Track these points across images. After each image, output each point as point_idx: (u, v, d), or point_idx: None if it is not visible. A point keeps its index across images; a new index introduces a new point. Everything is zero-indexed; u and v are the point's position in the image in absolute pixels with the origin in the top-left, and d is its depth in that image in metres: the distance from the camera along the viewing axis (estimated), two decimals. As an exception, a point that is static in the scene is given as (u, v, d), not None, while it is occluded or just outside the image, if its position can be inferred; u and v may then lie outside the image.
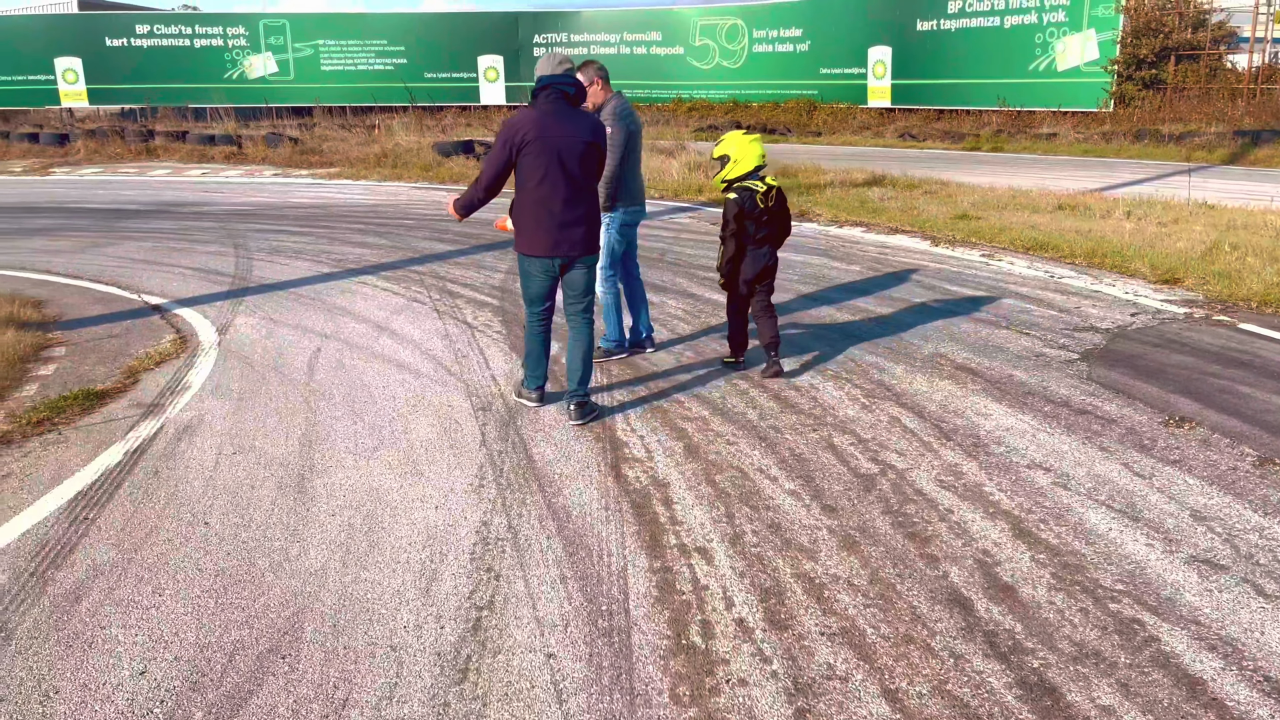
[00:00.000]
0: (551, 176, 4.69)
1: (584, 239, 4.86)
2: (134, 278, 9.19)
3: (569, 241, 4.81)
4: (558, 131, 4.69)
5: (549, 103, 4.76)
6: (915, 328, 6.57)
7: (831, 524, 3.72)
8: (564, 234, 4.79)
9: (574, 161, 4.71)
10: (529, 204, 4.80)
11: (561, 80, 4.78)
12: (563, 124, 4.72)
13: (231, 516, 4.01)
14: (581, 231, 4.83)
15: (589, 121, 4.85)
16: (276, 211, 13.70)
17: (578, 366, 5.00)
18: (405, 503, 4.09)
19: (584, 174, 4.77)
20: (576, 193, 4.76)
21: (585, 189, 4.82)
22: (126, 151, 22.02)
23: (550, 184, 4.70)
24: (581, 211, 4.80)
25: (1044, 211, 11.35)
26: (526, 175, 4.75)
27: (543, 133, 4.67)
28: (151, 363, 6.36)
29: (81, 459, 4.73)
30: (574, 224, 4.79)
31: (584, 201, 4.82)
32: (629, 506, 3.94)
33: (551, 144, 4.67)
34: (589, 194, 4.86)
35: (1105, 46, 24.47)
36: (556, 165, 4.68)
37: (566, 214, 4.75)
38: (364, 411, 5.31)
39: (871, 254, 9.27)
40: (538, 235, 4.81)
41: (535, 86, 4.84)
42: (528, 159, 4.70)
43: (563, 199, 4.72)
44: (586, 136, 4.75)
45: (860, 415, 4.91)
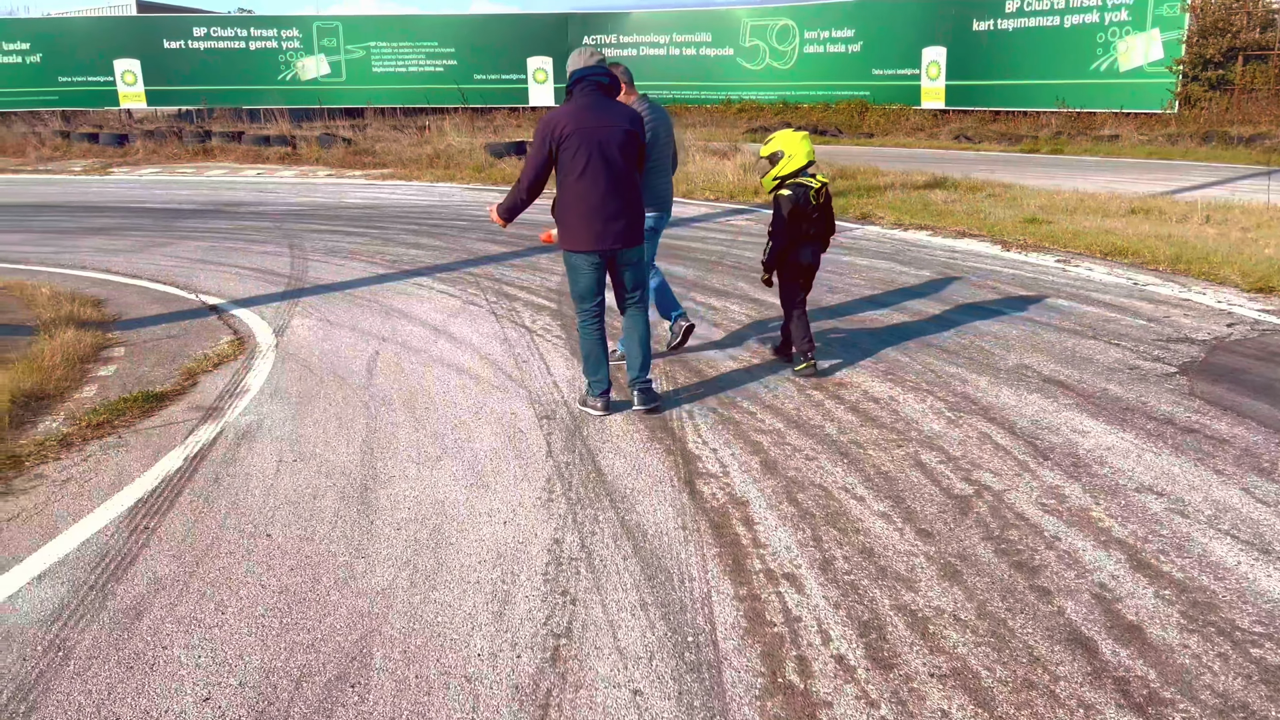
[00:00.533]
0: (592, 169, 4.64)
1: (627, 230, 4.78)
2: (192, 277, 9.17)
3: (613, 234, 4.74)
4: (595, 123, 4.64)
5: (585, 95, 4.70)
6: (995, 336, 6.28)
7: (929, 550, 3.47)
8: (607, 226, 4.72)
9: (614, 152, 4.65)
10: (570, 199, 4.75)
11: (595, 72, 4.72)
12: (600, 115, 4.66)
13: (294, 528, 3.87)
14: (625, 223, 4.75)
15: (627, 111, 4.77)
16: (331, 212, 13.69)
17: (636, 354, 4.97)
18: (472, 517, 3.91)
19: (625, 164, 4.70)
20: (618, 184, 4.69)
21: (627, 179, 4.74)
22: (184, 152, 22.26)
23: (591, 176, 4.65)
24: (624, 202, 4.73)
25: (1115, 215, 10.95)
26: (567, 170, 4.70)
27: (580, 125, 4.62)
28: (210, 364, 6.28)
29: (141, 464, 4.62)
30: (617, 215, 4.72)
31: (626, 192, 4.73)
32: (707, 526, 3.72)
33: (590, 136, 4.61)
34: (631, 184, 4.77)
35: (1170, 46, 23.78)
36: (597, 157, 4.63)
37: (609, 206, 4.69)
38: (425, 418, 5.16)
39: (940, 258, 8.96)
40: (580, 229, 4.75)
41: (569, 82, 4.79)
42: (567, 153, 4.65)
43: (604, 191, 4.67)
44: (626, 125, 4.69)
45: (947, 431, 4.65)
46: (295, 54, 32.18)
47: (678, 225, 11.56)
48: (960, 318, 6.79)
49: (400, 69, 32.53)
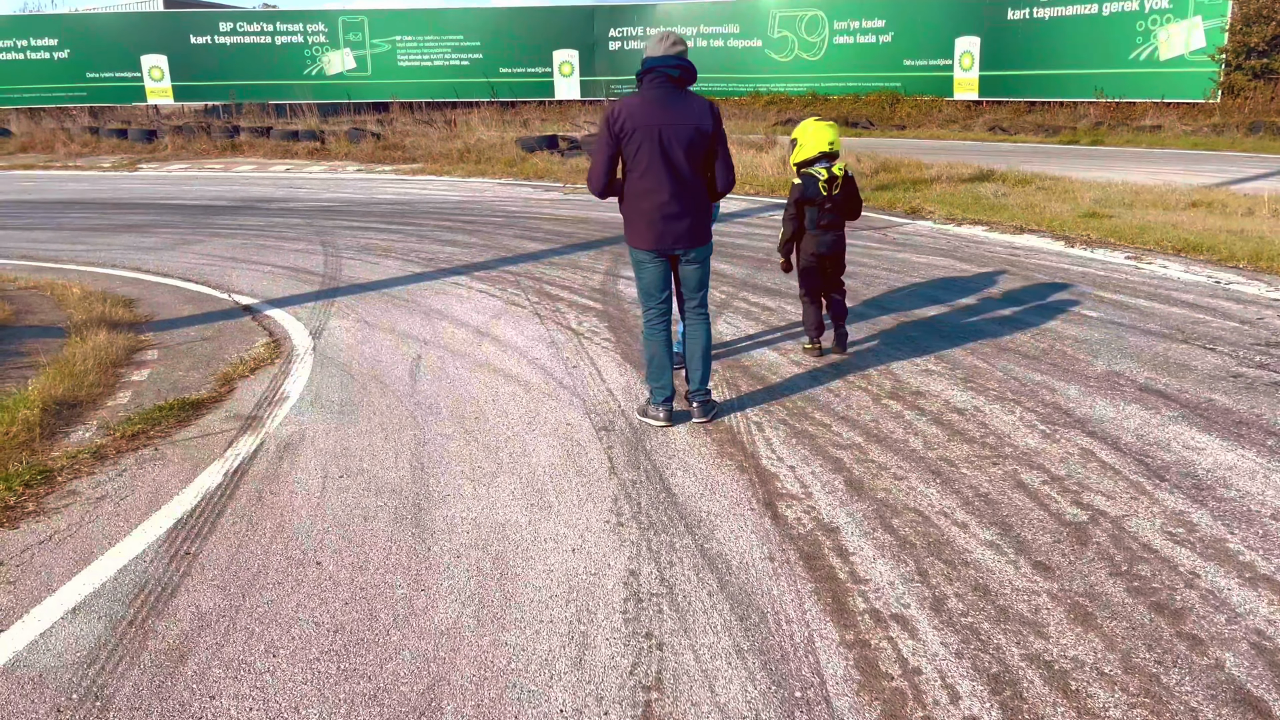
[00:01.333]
0: (654, 166, 4.43)
1: (690, 231, 4.56)
2: (224, 276, 8.93)
3: (674, 234, 4.54)
4: (661, 118, 4.40)
5: (653, 88, 4.46)
6: (1076, 340, 5.91)
7: (1051, 587, 3.12)
8: (669, 226, 4.52)
9: (679, 150, 4.41)
10: (633, 194, 4.56)
11: (664, 62, 4.42)
12: (666, 110, 4.41)
13: (345, 555, 3.57)
14: (688, 223, 4.53)
15: (698, 106, 4.47)
16: (362, 208, 13.43)
17: (698, 364, 4.78)
18: (537, 542, 3.61)
19: (690, 163, 4.46)
20: (681, 183, 4.46)
21: (692, 179, 4.50)
22: (212, 148, 22.11)
23: (654, 175, 4.45)
24: (688, 202, 4.51)
25: (1175, 209, 10.51)
26: (630, 165, 4.52)
27: (644, 120, 4.41)
28: (246, 369, 6.01)
29: (179, 480, 4.35)
30: (679, 216, 4.51)
31: (690, 192, 4.51)
32: (797, 556, 3.39)
33: (653, 131, 4.39)
34: (696, 184, 4.53)
35: (1212, 34, 23.16)
36: (660, 154, 4.41)
37: (671, 205, 4.48)
38: (476, 429, 4.86)
39: (1002, 255, 8.57)
40: (642, 227, 4.57)
41: (640, 70, 4.53)
42: (630, 148, 4.47)
43: (667, 190, 4.45)
44: (694, 122, 4.42)
45: (1044, 446, 4.29)
46: (321, 48, 32.05)
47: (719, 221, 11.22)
48: (1033, 319, 6.42)
49: (426, 63, 32.32)
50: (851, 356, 5.78)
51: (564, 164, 16.88)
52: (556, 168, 16.71)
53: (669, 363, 4.78)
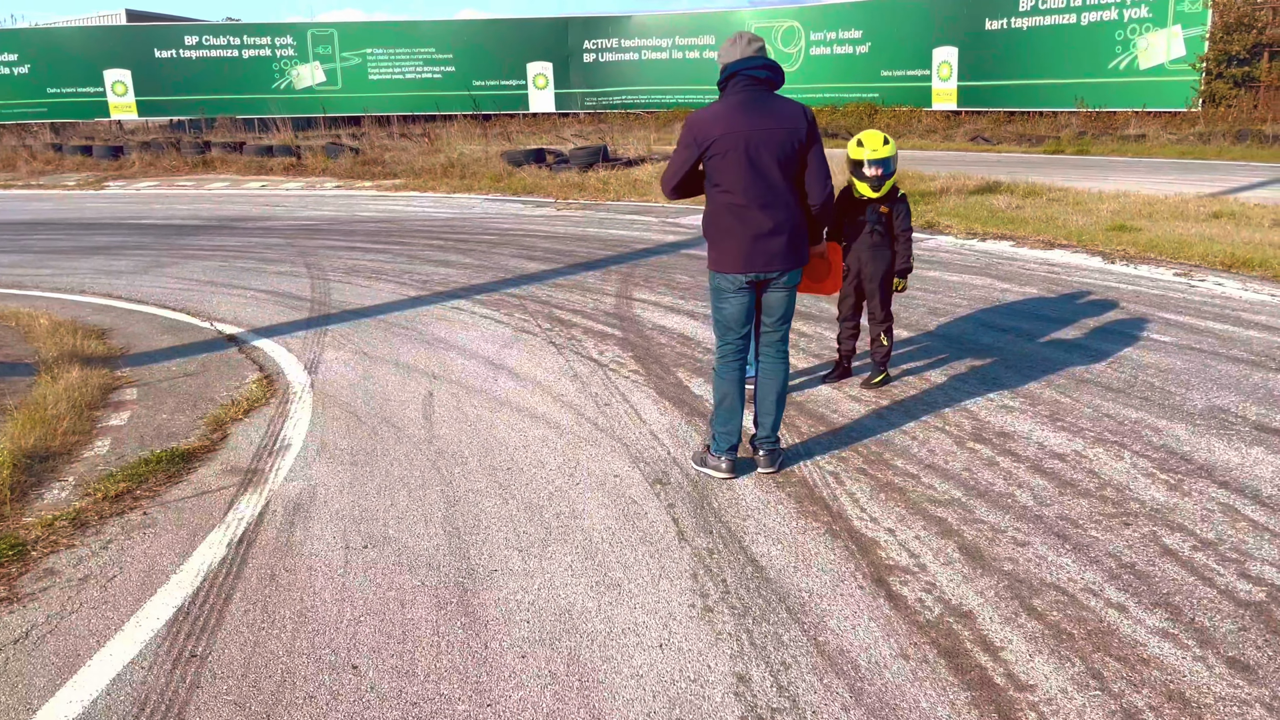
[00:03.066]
0: (744, 178, 3.92)
1: (785, 251, 4.01)
2: (203, 302, 8.29)
3: (766, 254, 3.99)
4: (748, 125, 3.90)
5: (738, 92, 3.97)
6: (1157, 369, 5.42)
7: (1261, 695, 2.60)
8: (758, 245, 3.98)
9: (770, 158, 3.91)
10: (719, 211, 4.04)
11: (749, 64, 3.96)
12: (754, 115, 3.91)
13: (386, 655, 2.98)
14: (782, 242, 3.99)
15: (790, 109, 3.97)
16: (345, 227, 12.79)
17: (770, 408, 4.23)
18: (613, 636, 3.03)
19: (784, 172, 3.95)
20: (775, 195, 3.95)
21: (786, 190, 3.98)
22: (182, 164, 21.29)
23: (743, 187, 3.94)
24: (782, 218, 3.97)
25: (1197, 220, 10.13)
26: (716, 178, 4.00)
27: (731, 127, 3.90)
28: (239, 411, 5.40)
29: (176, 553, 3.73)
30: (773, 233, 3.97)
31: (784, 206, 3.98)
32: (935, 653, 2.84)
33: (741, 139, 3.89)
34: (790, 196, 4.00)
35: (1193, 43, 23.12)
36: (747, 164, 3.91)
37: (764, 221, 3.96)
38: (511, 484, 4.28)
39: (1039, 273, 8.11)
40: (729, 247, 4.02)
41: (720, 77, 4.06)
42: (715, 160, 3.96)
43: (759, 204, 3.94)
44: (788, 125, 3.92)
45: (1174, 501, 3.78)
46: (290, 62, 31.33)
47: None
48: (1102, 345, 5.94)
49: (397, 76, 31.71)
50: (917, 391, 5.26)
51: (554, 178, 16.31)
52: (546, 182, 16.13)
53: (740, 407, 4.22)
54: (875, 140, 5.10)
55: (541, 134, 25.65)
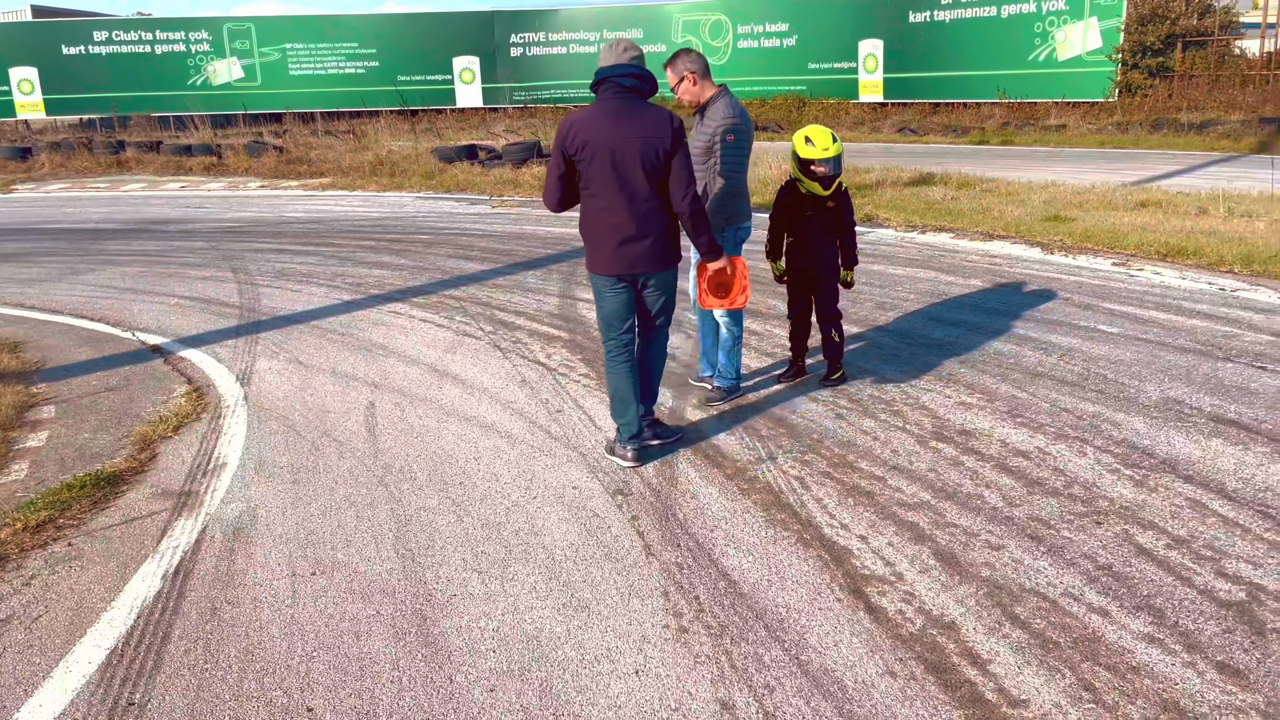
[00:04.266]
0: (610, 183, 4.03)
1: (650, 255, 4.14)
2: (124, 311, 7.89)
3: (630, 258, 4.12)
4: (613, 132, 3.98)
5: (607, 100, 4.06)
6: (1109, 361, 5.44)
7: (1256, 701, 2.54)
8: (625, 249, 4.11)
9: (634, 165, 3.99)
10: (590, 213, 4.18)
11: (619, 71, 4.03)
12: (620, 123, 3.99)
13: (344, 695, 2.78)
14: (646, 246, 4.11)
15: (656, 117, 4.01)
16: (271, 228, 12.36)
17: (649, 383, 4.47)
18: (586, 663, 2.88)
19: (649, 179, 4.03)
20: (638, 202, 4.05)
21: (650, 196, 4.06)
22: (95, 165, 20.42)
23: (609, 193, 4.05)
24: (645, 224, 4.09)
25: (1126, 209, 10.33)
26: (585, 183, 4.12)
27: (596, 134, 3.99)
28: (168, 428, 5.10)
29: (106, 588, 3.47)
30: (637, 239, 4.09)
31: (648, 212, 4.08)
32: (923, 669, 2.75)
33: (606, 146, 3.98)
34: (655, 203, 4.09)
35: (1109, 35, 23.71)
36: (612, 170, 4.00)
37: (628, 226, 4.07)
38: (464, 499, 4.09)
39: (982, 265, 8.14)
40: (601, 250, 4.17)
41: (592, 82, 4.16)
42: (584, 165, 4.07)
43: (624, 209, 4.05)
44: (650, 135, 3.98)
45: (1143, 497, 3.76)
46: (205, 57, 30.39)
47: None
48: (1052, 337, 5.95)
49: (320, 71, 30.99)
50: (874, 389, 5.20)
51: (487, 175, 16.01)
52: (479, 179, 15.82)
53: (634, 397, 4.33)
54: (824, 139, 4.98)
55: (471, 129, 25.28)
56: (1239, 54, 24.22)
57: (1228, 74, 22.97)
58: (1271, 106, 20.91)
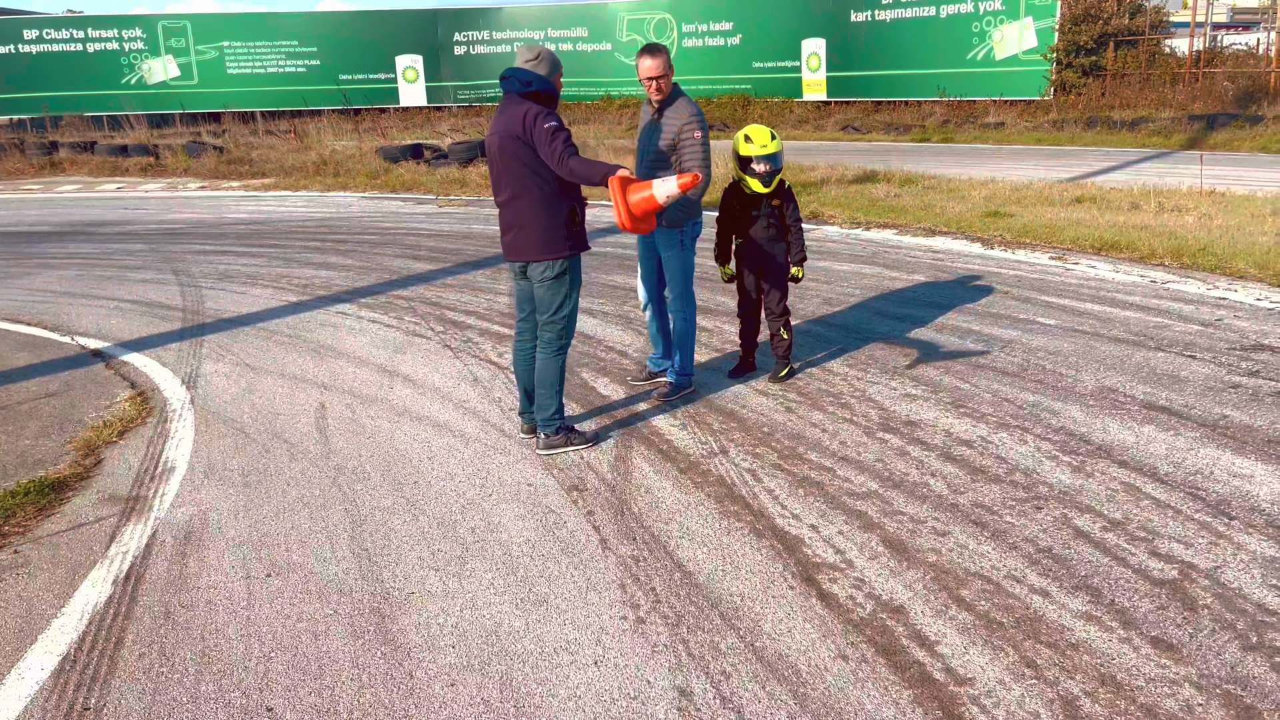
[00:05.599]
0: (493, 176, 4.45)
1: (518, 243, 4.40)
2: (61, 315, 7.73)
3: (507, 246, 4.47)
4: (494, 129, 4.37)
5: (503, 100, 4.40)
6: (1048, 352, 5.60)
7: (1189, 674, 2.66)
8: (505, 238, 4.48)
9: (505, 158, 4.31)
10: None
11: (507, 73, 4.33)
12: (498, 121, 4.34)
13: (303, 694, 2.79)
14: (513, 235, 4.40)
15: (515, 112, 4.25)
16: (213, 229, 12.17)
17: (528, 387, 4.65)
18: (545, 655, 2.92)
19: (513, 172, 4.30)
20: (508, 194, 4.36)
21: (519, 188, 4.31)
22: (27, 166, 19.89)
23: (493, 184, 4.46)
24: (513, 215, 4.37)
25: (1062, 204, 10.60)
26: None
27: (491, 131, 4.41)
28: (113, 433, 5.03)
29: (55, 595, 3.43)
30: (509, 227, 4.42)
31: (516, 203, 4.35)
32: (873, 651, 2.83)
33: (493, 142, 4.37)
34: (522, 195, 4.32)
35: (1044, 34, 24.25)
36: (495, 164, 4.39)
37: (505, 216, 4.44)
38: (420, 498, 4.10)
39: (924, 260, 8.31)
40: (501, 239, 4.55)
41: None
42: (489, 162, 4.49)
43: (503, 199, 4.41)
44: (510, 129, 4.25)
45: (1080, 483, 3.89)
46: (140, 55, 29.75)
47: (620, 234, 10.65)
48: (993, 330, 6.10)
49: (259, 70, 30.50)
50: (822, 384, 5.30)
51: (433, 174, 15.89)
52: (425, 179, 15.70)
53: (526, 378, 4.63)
54: (763, 136, 5.09)
55: (415, 128, 25.07)
56: (1169, 53, 24.94)
57: (1158, 73, 23.63)
58: (1200, 104, 21.57)
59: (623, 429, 4.77)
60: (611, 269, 8.57)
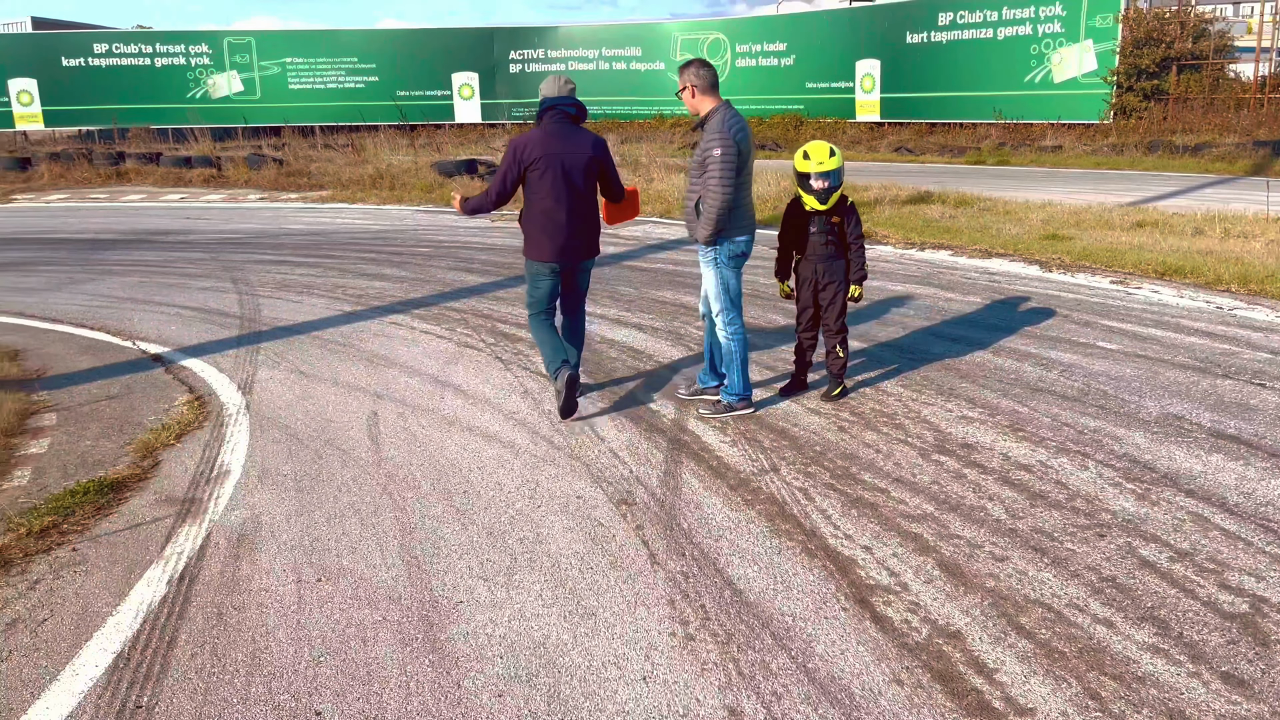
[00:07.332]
0: (556, 191, 5.02)
1: (586, 246, 5.25)
2: (124, 320, 7.90)
3: (573, 249, 5.17)
4: (561, 149, 5.01)
5: (553, 123, 5.06)
6: (1109, 377, 5.47)
7: (1262, 711, 2.56)
8: (569, 243, 5.12)
9: (579, 176, 5.05)
10: (536, 215, 5.12)
11: (564, 101, 5.08)
12: (565, 142, 5.03)
13: (351, 700, 2.79)
14: (583, 240, 5.20)
15: (590, 138, 5.13)
16: (271, 239, 12.39)
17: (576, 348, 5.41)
18: (594, 669, 2.89)
19: (586, 188, 5.12)
20: (579, 204, 5.09)
21: (588, 200, 5.15)
22: (95, 176, 20.44)
23: (555, 197, 5.02)
24: (583, 222, 5.15)
25: (1123, 229, 10.40)
26: (534, 189, 5.08)
27: (548, 150, 4.99)
28: (171, 435, 5.11)
29: (111, 593, 3.47)
30: (577, 234, 5.13)
31: (586, 213, 5.16)
32: (929, 677, 2.76)
33: (556, 160, 4.99)
34: (591, 204, 5.18)
35: (1104, 57, 23.87)
36: (562, 180, 5.01)
37: (571, 225, 5.09)
38: (469, 507, 4.10)
39: (981, 282, 8.19)
40: (545, 243, 5.13)
41: (540, 108, 5.14)
42: (534, 174, 5.03)
43: (567, 211, 5.05)
44: (590, 152, 5.09)
45: (1145, 511, 3.78)
46: (205, 70, 30.47)
47: (674, 250, 10.65)
48: (1052, 353, 5.98)
49: (319, 85, 31.08)
50: (875, 403, 5.22)
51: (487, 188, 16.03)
52: (477, 192, 15.84)
53: (559, 339, 5.25)
54: (821, 152, 5.03)
55: (469, 144, 25.35)
56: (1233, 77, 24.44)
57: (1222, 97, 23.15)
58: (1265, 130, 21.08)
59: (671, 444, 4.73)
60: (662, 285, 8.56)
